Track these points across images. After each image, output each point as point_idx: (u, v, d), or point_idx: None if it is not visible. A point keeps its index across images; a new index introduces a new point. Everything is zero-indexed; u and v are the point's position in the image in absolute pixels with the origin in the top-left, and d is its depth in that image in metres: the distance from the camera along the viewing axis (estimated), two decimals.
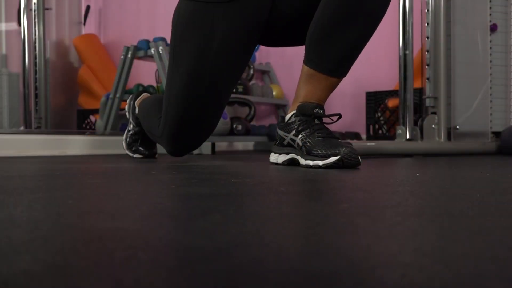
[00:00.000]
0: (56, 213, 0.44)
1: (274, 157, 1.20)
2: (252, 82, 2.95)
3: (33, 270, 0.25)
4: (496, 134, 1.95)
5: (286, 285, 0.22)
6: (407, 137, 1.82)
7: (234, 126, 2.51)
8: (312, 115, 1.11)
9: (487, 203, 0.49)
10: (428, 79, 1.88)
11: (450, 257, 0.27)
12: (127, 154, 1.62)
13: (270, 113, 3.18)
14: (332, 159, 1.01)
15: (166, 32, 3.21)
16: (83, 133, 2.31)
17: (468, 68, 1.91)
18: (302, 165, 1.08)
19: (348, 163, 1.01)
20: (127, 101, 1.64)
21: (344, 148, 1.02)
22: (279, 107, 3.06)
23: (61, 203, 0.50)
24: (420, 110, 2.06)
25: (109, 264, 0.26)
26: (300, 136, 1.10)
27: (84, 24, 3.81)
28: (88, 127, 3.31)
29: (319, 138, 1.07)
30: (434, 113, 1.87)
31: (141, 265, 0.26)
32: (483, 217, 0.41)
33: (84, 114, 3.37)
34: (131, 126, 1.60)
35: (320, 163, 1.03)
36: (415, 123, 1.87)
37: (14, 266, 0.25)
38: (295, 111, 1.14)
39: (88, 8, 3.80)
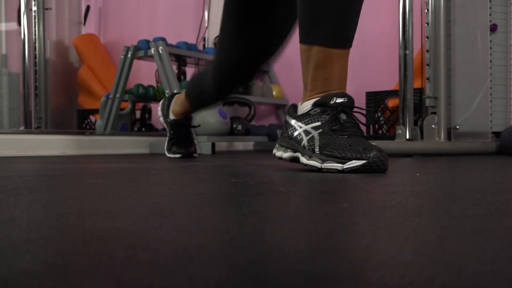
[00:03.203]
0: (56, 213, 0.44)
1: (280, 153, 1.04)
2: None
3: (33, 270, 0.25)
4: (496, 134, 1.96)
5: (286, 285, 0.22)
6: (407, 137, 1.82)
7: (234, 126, 2.51)
8: (338, 107, 0.95)
9: (487, 203, 0.49)
10: (428, 79, 1.88)
11: (450, 257, 0.27)
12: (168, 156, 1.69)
13: (270, 113, 3.18)
14: (357, 162, 0.87)
15: (166, 32, 3.22)
16: (83, 133, 2.31)
17: (468, 68, 1.92)
18: (319, 168, 0.92)
19: (375, 169, 0.88)
20: (160, 107, 1.68)
21: (374, 152, 0.88)
22: (279, 107, 3.06)
23: (61, 203, 0.50)
24: (420, 110, 2.06)
25: (109, 264, 0.26)
26: (319, 130, 0.94)
27: (84, 24, 3.81)
28: (88, 127, 3.31)
29: (344, 136, 0.92)
30: (434, 113, 1.87)
31: (141, 265, 0.26)
32: (483, 217, 0.41)
33: (84, 114, 3.37)
34: (168, 132, 1.68)
35: (339, 166, 0.89)
36: (415, 123, 1.87)
37: (14, 266, 0.25)
38: (316, 99, 0.98)
39: (88, 8, 3.81)
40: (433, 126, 1.85)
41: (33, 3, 2.96)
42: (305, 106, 1.00)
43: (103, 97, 2.63)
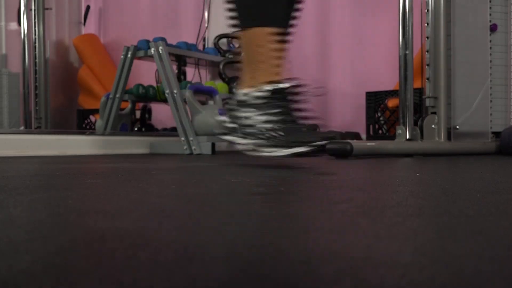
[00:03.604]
0: (56, 213, 0.44)
1: (242, 144, 1.08)
2: None
3: (33, 270, 0.25)
4: (496, 134, 1.96)
5: (286, 285, 0.22)
6: (407, 137, 1.82)
7: None
8: (293, 93, 1.00)
9: (487, 203, 0.49)
10: (428, 79, 1.88)
11: (450, 257, 0.27)
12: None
13: None
14: (304, 148, 0.96)
15: (166, 32, 3.22)
16: (83, 133, 2.31)
17: (468, 68, 1.91)
18: (276, 156, 0.99)
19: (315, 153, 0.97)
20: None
21: (321, 137, 0.97)
22: None
23: (61, 203, 0.50)
24: (420, 110, 2.06)
25: (109, 264, 0.26)
26: (277, 118, 1.00)
27: (84, 24, 3.81)
28: (88, 127, 3.31)
29: (294, 123, 0.99)
30: (434, 113, 1.87)
31: (141, 265, 0.26)
32: (483, 217, 0.41)
33: (84, 114, 3.37)
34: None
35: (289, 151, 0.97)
36: (415, 123, 1.87)
37: (14, 266, 0.25)
38: (274, 87, 1.00)
39: (88, 8, 3.81)
40: (433, 126, 1.85)
41: (33, 3, 2.96)
42: (250, 93, 1.03)
43: (103, 97, 2.63)
